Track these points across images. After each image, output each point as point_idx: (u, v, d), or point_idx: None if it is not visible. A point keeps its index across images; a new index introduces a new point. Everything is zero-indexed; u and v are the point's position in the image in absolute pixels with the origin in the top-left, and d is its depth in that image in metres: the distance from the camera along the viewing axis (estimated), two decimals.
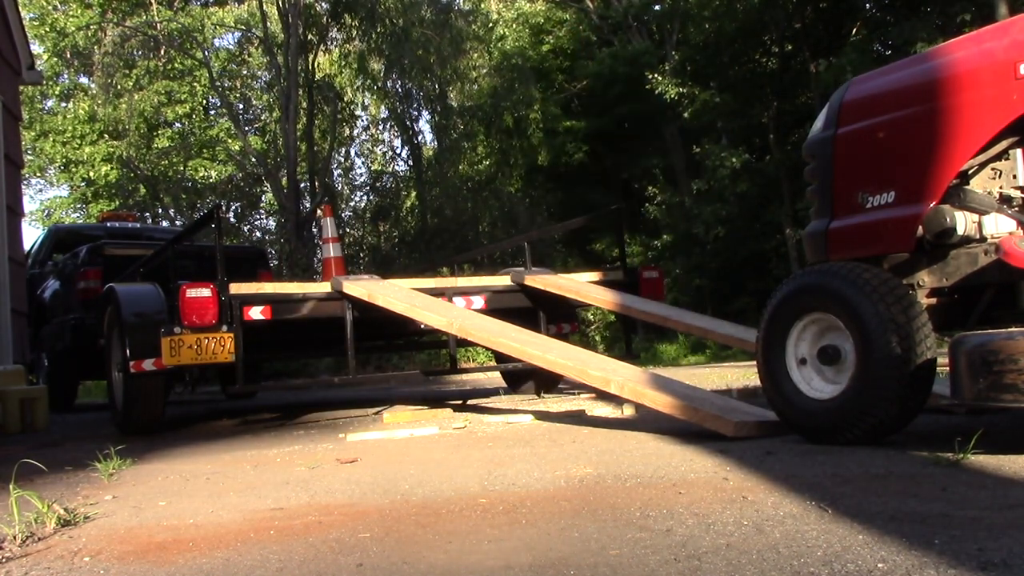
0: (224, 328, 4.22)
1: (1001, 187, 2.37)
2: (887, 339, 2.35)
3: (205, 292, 4.18)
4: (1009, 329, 2.15)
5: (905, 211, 2.46)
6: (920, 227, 2.43)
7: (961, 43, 2.51)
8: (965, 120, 2.34)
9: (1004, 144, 2.36)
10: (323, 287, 4.55)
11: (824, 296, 2.51)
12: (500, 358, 5.35)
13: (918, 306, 2.41)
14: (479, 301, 4.75)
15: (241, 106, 25.85)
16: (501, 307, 4.80)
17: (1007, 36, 2.33)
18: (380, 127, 26.03)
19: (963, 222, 2.37)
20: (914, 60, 2.69)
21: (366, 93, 24.00)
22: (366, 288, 4.37)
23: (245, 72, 25.61)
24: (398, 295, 4.29)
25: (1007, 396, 2.06)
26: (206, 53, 22.84)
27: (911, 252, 2.48)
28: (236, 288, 4.31)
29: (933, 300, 2.53)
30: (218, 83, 23.07)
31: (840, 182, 2.66)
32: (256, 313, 4.35)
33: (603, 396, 4.50)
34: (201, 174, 24.02)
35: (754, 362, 2.61)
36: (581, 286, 4.80)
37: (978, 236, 2.39)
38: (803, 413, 2.58)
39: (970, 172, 2.42)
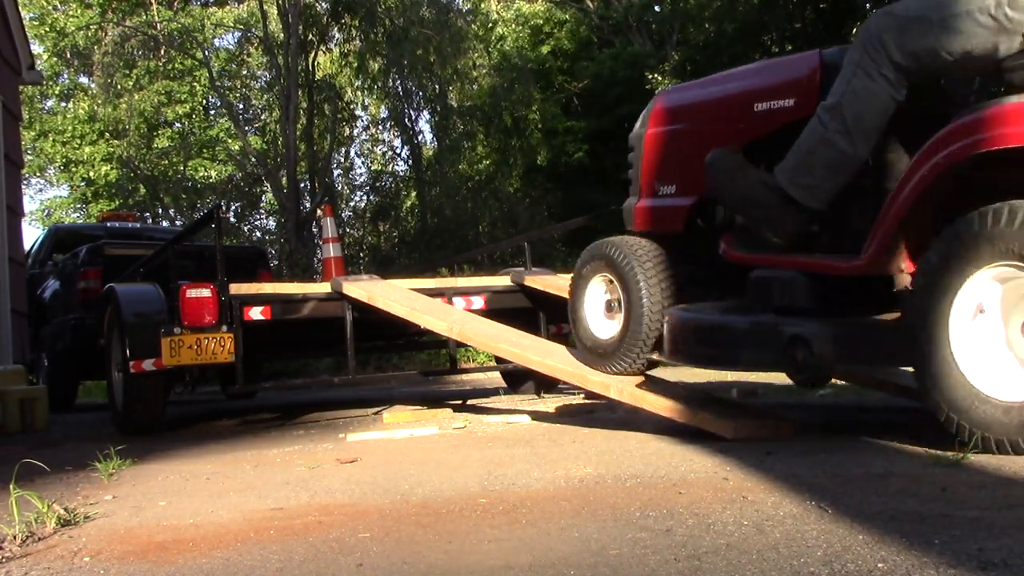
0: (224, 328, 4.22)
1: None
2: (641, 294, 3.03)
3: (205, 292, 4.18)
4: (689, 307, 2.91)
5: (680, 201, 3.09)
6: (689, 214, 3.07)
7: (729, 76, 3.15)
8: (719, 138, 2.91)
9: None
10: (323, 288, 4.55)
11: (607, 260, 3.20)
12: (500, 359, 5.35)
13: (672, 272, 3.07)
14: (479, 301, 4.75)
15: (241, 106, 25.84)
16: (501, 307, 4.80)
17: (753, 78, 2.97)
18: (380, 127, 26.02)
19: (718, 215, 2.97)
20: (703, 83, 3.33)
21: (366, 93, 24.00)
22: (366, 290, 4.37)
23: (245, 72, 25.60)
24: (398, 298, 4.29)
25: (676, 356, 2.85)
26: (206, 53, 22.83)
27: (682, 232, 3.10)
28: (236, 288, 4.31)
29: (692, 266, 3.17)
30: (218, 83, 23.07)
31: (645, 171, 3.26)
32: (256, 313, 4.35)
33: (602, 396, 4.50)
34: (201, 174, 24.02)
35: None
36: None
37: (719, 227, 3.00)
38: (594, 348, 3.29)
39: None
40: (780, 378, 5.34)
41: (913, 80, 2.40)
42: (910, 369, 2.58)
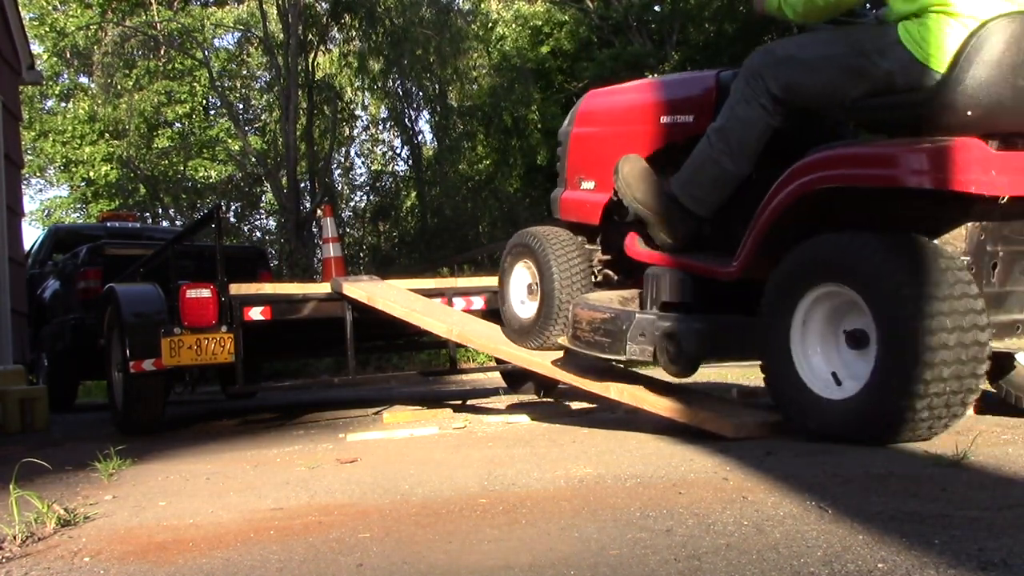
0: (224, 329, 4.22)
1: None
2: (553, 280, 3.32)
3: (205, 293, 4.19)
4: (590, 296, 3.14)
5: (597, 196, 3.32)
6: (604, 209, 3.28)
7: (644, 86, 3.44)
8: (631, 144, 3.15)
9: None
10: (323, 288, 4.56)
11: (528, 248, 3.50)
12: (500, 359, 5.35)
13: (582, 260, 3.37)
14: (479, 302, 4.74)
15: (241, 106, 25.83)
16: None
17: (662, 92, 3.24)
18: (380, 127, 26.03)
19: (629, 213, 3.10)
20: (624, 89, 3.52)
21: (366, 93, 23.99)
22: (366, 291, 4.36)
23: (245, 72, 25.59)
24: (398, 299, 4.29)
25: (575, 343, 3.01)
26: (206, 53, 22.83)
27: (597, 224, 3.34)
28: (236, 289, 4.32)
29: (607, 257, 3.39)
30: (218, 83, 23.06)
31: (570, 166, 3.53)
32: (256, 314, 4.35)
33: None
34: (201, 174, 24.01)
35: (755, 361, 2.95)
36: None
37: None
38: (516, 326, 3.63)
39: None
40: None
41: (788, 110, 2.67)
42: None
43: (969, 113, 2.28)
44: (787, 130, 2.71)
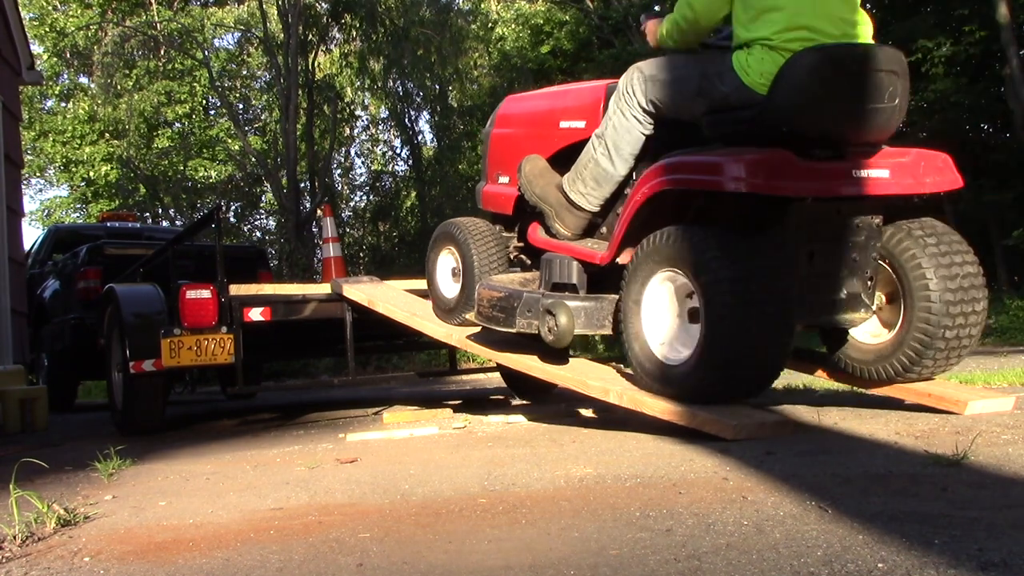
0: (224, 329, 4.22)
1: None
2: (472, 264, 3.69)
3: (205, 294, 4.19)
4: (496, 277, 3.56)
5: (510, 190, 3.69)
6: (516, 201, 3.64)
7: (549, 94, 3.84)
8: (536, 145, 3.57)
9: None
10: (323, 289, 4.56)
11: (450, 236, 3.87)
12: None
13: (497, 246, 3.74)
14: None
15: (241, 106, 25.83)
16: None
17: (562, 99, 3.62)
18: (380, 127, 26.05)
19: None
20: (534, 95, 3.95)
21: (366, 93, 24.00)
22: (366, 293, 4.36)
23: (245, 72, 25.60)
24: (398, 302, 4.29)
25: (479, 318, 3.40)
26: (206, 53, 22.83)
27: (511, 215, 3.74)
28: (236, 289, 4.32)
29: (520, 244, 3.77)
30: (218, 83, 23.06)
31: (489, 163, 3.92)
32: (256, 314, 4.35)
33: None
34: (201, 174, 24.01)
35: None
36: None
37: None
38: (442, 305, 4.00)
39: None
40: (779, 379, 5.33)
41: (656, 120, 3.06)
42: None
43: (784, 129, 2.69)
44: (662, 136, 3.08)
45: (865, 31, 2.84)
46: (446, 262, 3.99)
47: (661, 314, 2.94)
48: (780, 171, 2.62)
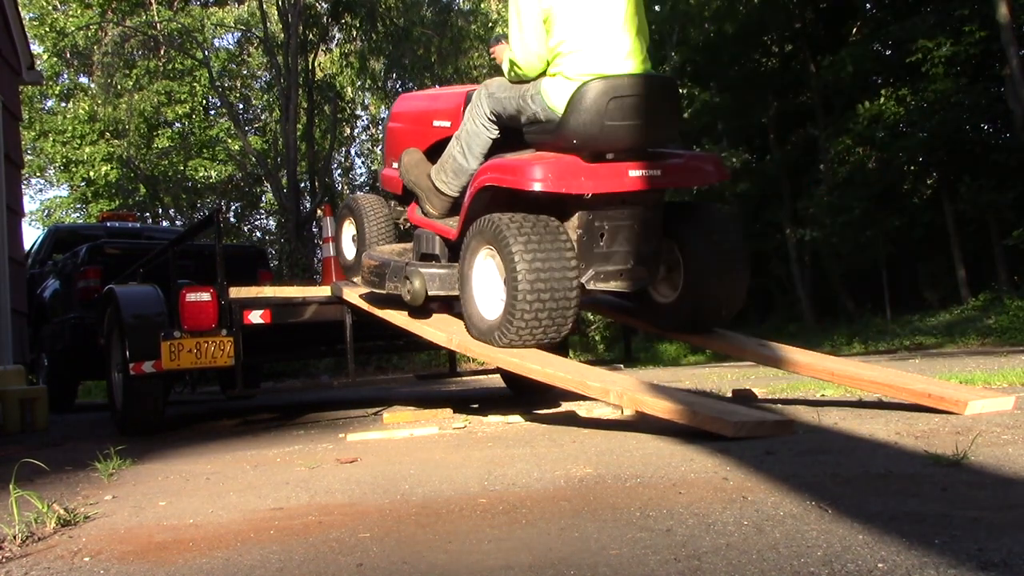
0: (224, 332, 4.21)
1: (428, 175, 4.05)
2: (364, 234, 4.42)
3: (205, 296, 4.18)
4: (377, 248, 4.26)
5: (398, 174, 4.25)
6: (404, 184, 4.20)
7: (429, 95, 4.57)
8: (416, 139, 4.18)
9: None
10: (323, 291, 4.55)
11: (350, 209, 4.66)
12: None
13: (387, 220, 4.45)
14: None
15: (241, 106, 25.83)
16: None
17: (436, 101, 4.26)
18: (380, 127, 26.04)
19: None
20: (419, 95, 4.64)
21: (366, 93, 23.99)
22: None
23: (245, 72, 25.60)
24: (398, 305, 4.28)
25: (362, 281, 4.10)
26: (206, 53, 22.82)
27: (400, 195, 4.33)
28: (236, 292, 4.31)
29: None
30: (218, 83, 23.06)
31: (387, 151, 4.52)
32: (256, 317, 4.35)
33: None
34: (201, 174, 24.01)
35: (754, 363, 3.12)
36: None
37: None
38: (345, 264, 4.72)
39: None
40: (779, 379, 5.33)
41: (500, 127, 3.67)
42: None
43: (575, 141, 3.29)
44: (507, 138, 3.66)
45: (647, 62, 3.48)
46: (348, 231, 4.71)
47: (485, 282, 3.54)
48: (565, 174, 3.29)
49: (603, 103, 3.21)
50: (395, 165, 4.29)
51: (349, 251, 4.70)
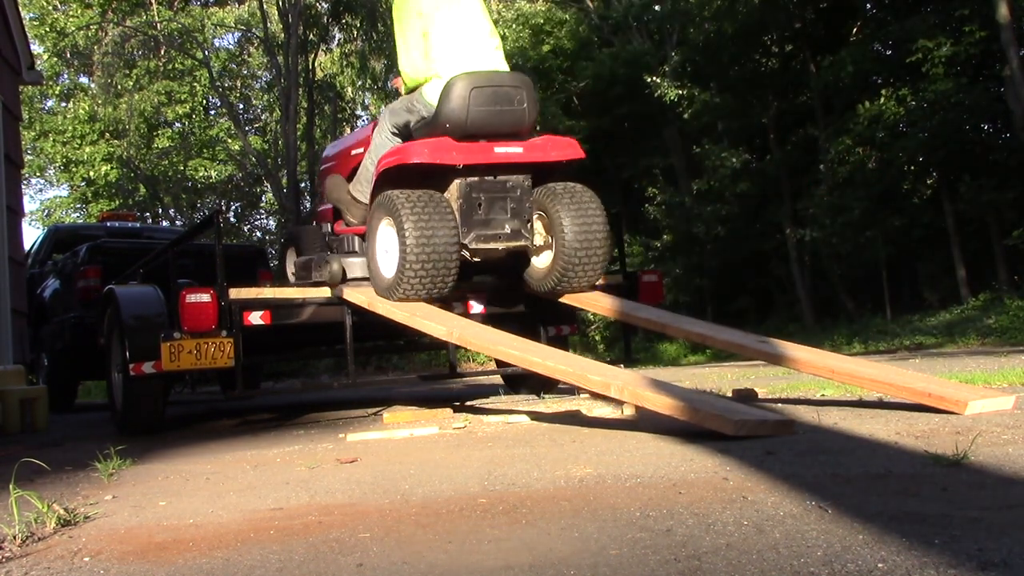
0: (224, 333, 4.21)
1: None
2: (303, 252, 5.05)
3: (205, 297, 4.18)
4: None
5: (328, 206, 4.96)
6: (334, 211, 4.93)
7: (348, 136, 5.35)
8: (341, 169, 4.91)
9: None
10: (323, 292, 4.54)
11: (292, 239, 5.34)
12: (499, 360, 5.34)
13: (320, 239, 5.01)
14: (478, 306, 4.74)
15: (241, 106, 25.83)
16: (501, 311, 4.79)
17: (353, 139, 5.08)
18: None
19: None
20: (341, 140, 5.39)
21: (366, 93, 23.99)
22: (366, 295, 4.36)
23: (245, 72, 25.61)
24: (398, 303, 4.28)
25: (297, 278, 5.03)
26: (206, 53, 22.82)
27: (331, 220, 4.97)
28: (236, 293, 4.31)
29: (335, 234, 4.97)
30: (218, 83, 23.05)
31: (322, 192, 5.10)
32: (256, 318, 4.34)
33: (602, 396, 4.49)
34: (201, 174, 24.01)
35: (753, 362, 3.09)
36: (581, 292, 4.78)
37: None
38: (296, 273, 5.16)
39: None
40: (780, 378, 5.33)
41: (402, 138, 4.38)
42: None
43: (448, 125, 3.99)
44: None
45: (504, 63, 4.31)
46: (291, 254, 5.26)
47: (386, 247, 4.12)
48: (439, 150, 3.97)
49: (467, 93, 3.93)
50: (325, 202, 5.06)
51: (291, 265, 5.33)
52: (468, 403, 5.31)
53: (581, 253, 4.13)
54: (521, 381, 5.69)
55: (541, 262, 4.35)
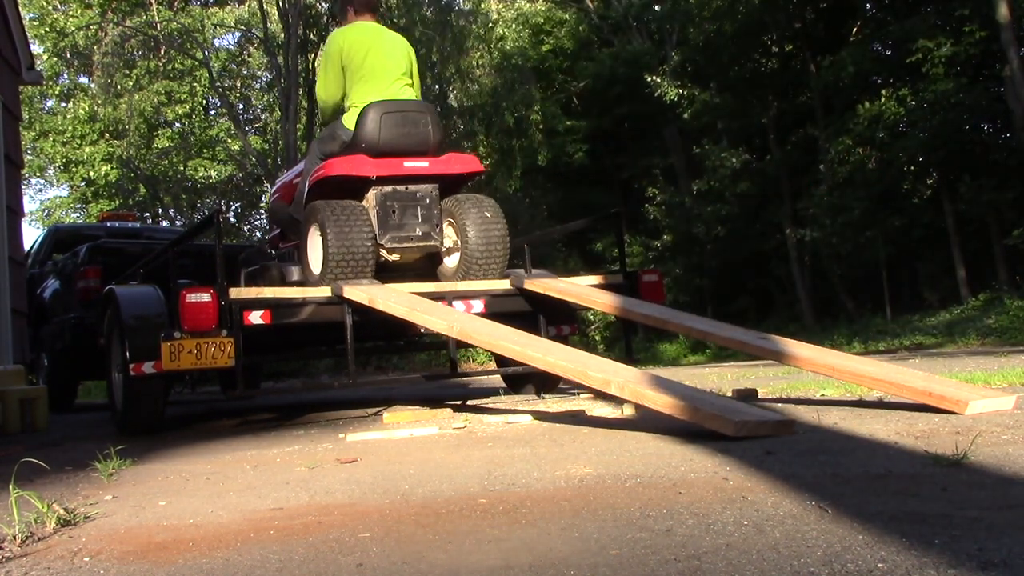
0: (224, 333, 4.21)
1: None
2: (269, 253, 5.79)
3: (205, 297, 4.17)
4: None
5: (277, 231, 5.59)
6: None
7: (289, 172, 5.88)
8: (286, 197, 5.36)
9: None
10: (323, 291, 4.54)
11: (245, 262, 5.53)
12: (500, 360, 5.33)
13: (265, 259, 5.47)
14: (478, 305, 4.74)
15: (241, 106, 25.82)
16: (501, 311, 4.78)
17: (293, 170, 5.67)
18: None
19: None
20: (284, 175, 5.98)
21: None
22: (366, 293, 4.36)
23: (245, 72, 25.60)
24: (398, 300, 4.28)
25: (247, 282, 4.86)
26: (206, 53, 22.81)
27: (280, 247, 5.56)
28: (236, 292, 4.30)
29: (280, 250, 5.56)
30: (218, 83, 23.04)
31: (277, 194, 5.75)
32: (256, 318, 4.34)
33: (603, 396, 4.49)
34: (201, 174, 24.00)
35: (754, 362, 3.07)
36: (582, 290, 4.78)
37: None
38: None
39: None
40: (780, 378, 5.33)
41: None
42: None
43: (363, 145, 4.57)
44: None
45: (413, 92, 4.87)
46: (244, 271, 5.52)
47: (315, 248, 4.60)
48: (356, 164, 4.55)
49: (379, 118, 4.54)
50: (274, 196, 5.70)
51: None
52: (468, 403, 5.31)
53: (482, 252, 4.71)
54: (522, 381, 5.69)
55: (451, 261, 4.89)
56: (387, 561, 1.61)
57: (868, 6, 16.79)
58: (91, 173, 22.26)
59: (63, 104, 24.12)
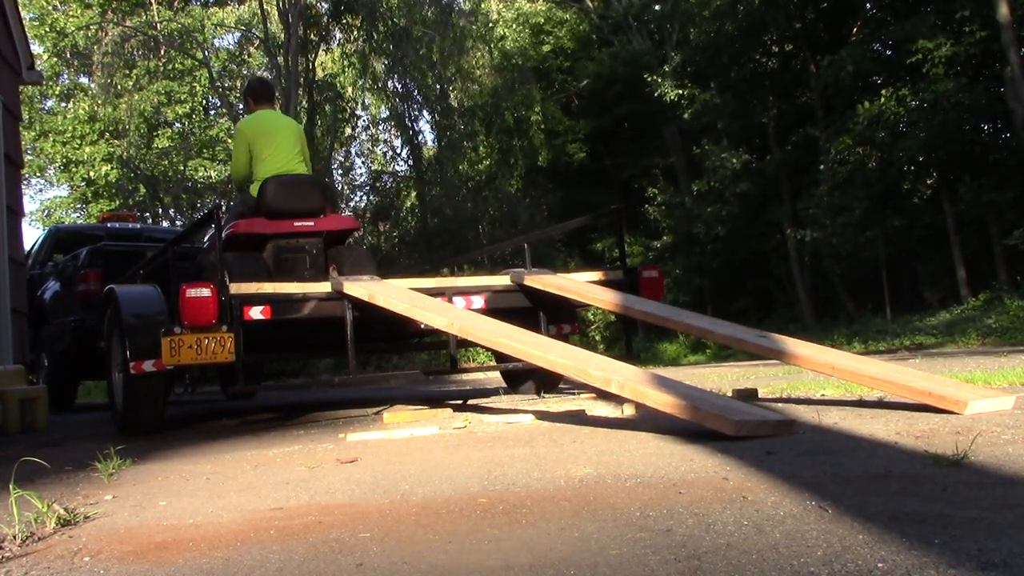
0: (224, 328, 4.21)
1: None
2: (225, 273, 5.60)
3: (205, 292, 4.17)
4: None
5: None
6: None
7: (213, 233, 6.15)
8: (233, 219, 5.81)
9: None
10: (323, 287, 4.54)
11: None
12: (500, 358, 5.34)
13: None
14: (479, 301, 4.74)
15: (241, 106, 25.76)
16: (501, 307, 4.78)
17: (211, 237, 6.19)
18: (380, 127, 26.03)
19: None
20: (209, 236, 6.45)
21: (367, 93, 23.98)
22: (366, 288, 4.36)
23: (245, 72, 25.58)
24: (398, 296, 4.28)
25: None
26: (206, 53, 22.81)
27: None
28: (236, 288, 4.30)
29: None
30: (218, 83, 23.04)
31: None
32: (256, 313, 4.34)
33: (603, 396, 4.49)
34: (201, 174, 23.99)
35: (754, 362, 3.05)
36: (581, 286, 4.78)
37: None
38: None
39: None
40: (780, 378, 5.33)
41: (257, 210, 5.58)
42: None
43: (263, 210, 5.33)
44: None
45: (305, 167, 5.72)
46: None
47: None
48: (255, 224, 5.34)
49: (276, 188, 5.38)
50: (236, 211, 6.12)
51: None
52: (468, 403, 5.31)
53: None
54: (522, 379, 5.70)
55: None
56: (387, 561, 1.61)
57: (868, 6, 16.79)
58: (91, 173, 22.26)
59: (63, 104, 24.11)
